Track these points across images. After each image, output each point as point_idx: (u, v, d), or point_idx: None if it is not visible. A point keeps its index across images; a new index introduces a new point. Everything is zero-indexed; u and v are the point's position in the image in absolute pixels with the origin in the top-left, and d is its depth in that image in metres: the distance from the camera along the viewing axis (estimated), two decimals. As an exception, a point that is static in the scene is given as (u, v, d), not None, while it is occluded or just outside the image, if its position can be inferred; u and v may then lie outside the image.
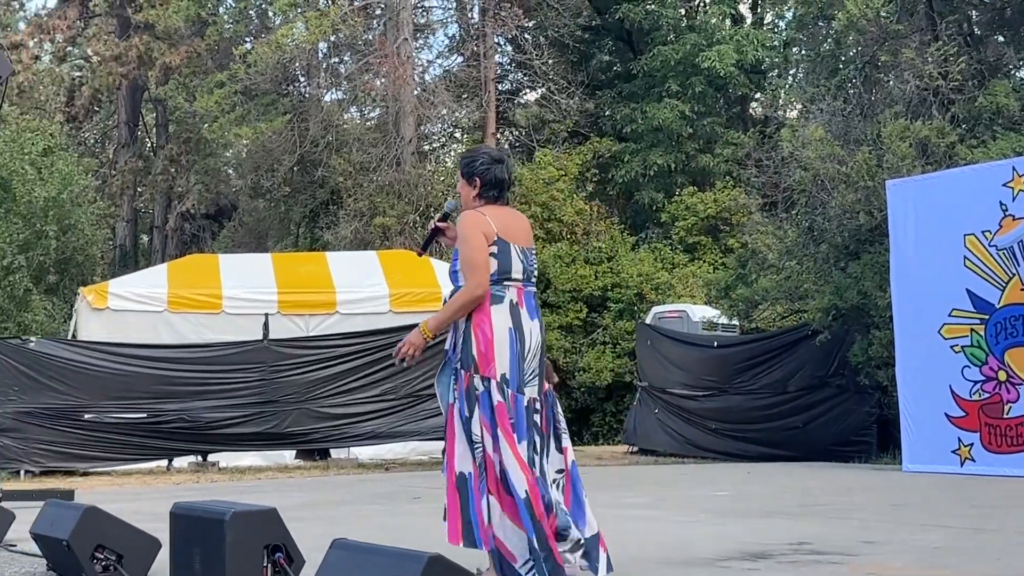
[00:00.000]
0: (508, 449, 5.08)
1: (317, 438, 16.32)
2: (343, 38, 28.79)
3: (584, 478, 5.43)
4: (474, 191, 5.49)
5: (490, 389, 5.16)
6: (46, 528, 5.79)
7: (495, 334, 5.21)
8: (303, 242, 30.62)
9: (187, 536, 4.81)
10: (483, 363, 5.19)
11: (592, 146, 28.98)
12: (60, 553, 5.61)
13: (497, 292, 5.28)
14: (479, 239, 5.29)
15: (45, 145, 29.00)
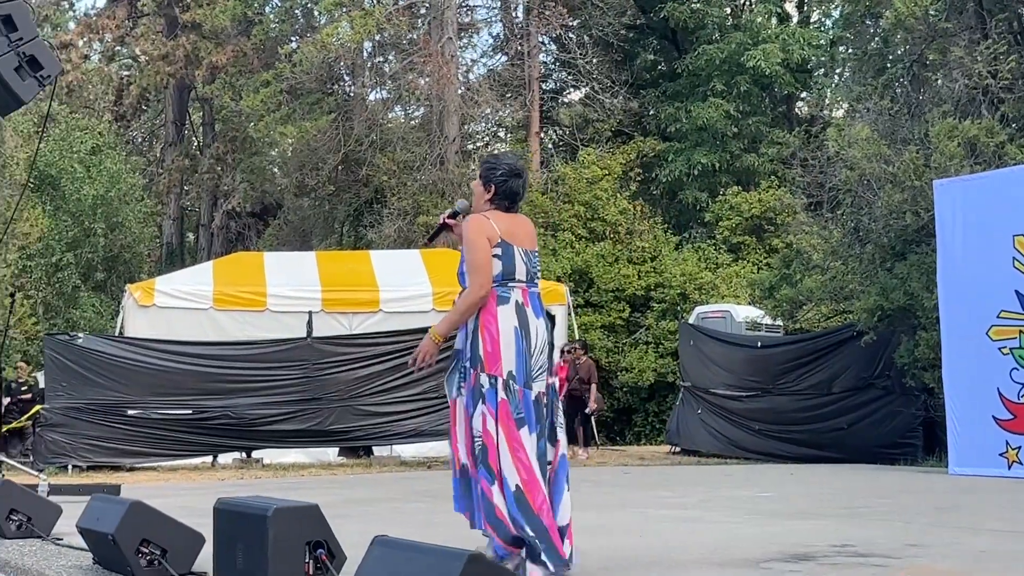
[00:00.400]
0: (506, 445, 5.25)
1: (360, 435, 16.39)
2: (388, 37, 28.91)
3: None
4: (488, 195, 5.61)
5: (496, 387, 5.32)
6: (92, 522, 5.85)
7: (501, 334, 5.36)
8: (347, 240, 30.77)
9: (230, 531, 4.84)
10: (490, 362, 5.35)
11: (636, 145, 28.91)
12: (106, 547, 5.67)
13: (503, 293, 5.43)
14: (483, 242, 5.43)
15: (94, 143, 29.33)
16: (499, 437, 5.26)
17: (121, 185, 29.59)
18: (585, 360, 19.13)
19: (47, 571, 5.90)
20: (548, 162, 29.92)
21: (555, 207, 26.59)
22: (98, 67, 36.79)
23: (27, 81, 9.19)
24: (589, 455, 17.93)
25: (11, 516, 7.21)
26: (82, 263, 27.74)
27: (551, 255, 25.18)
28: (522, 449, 5.24)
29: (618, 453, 18.95)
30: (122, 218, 29.52)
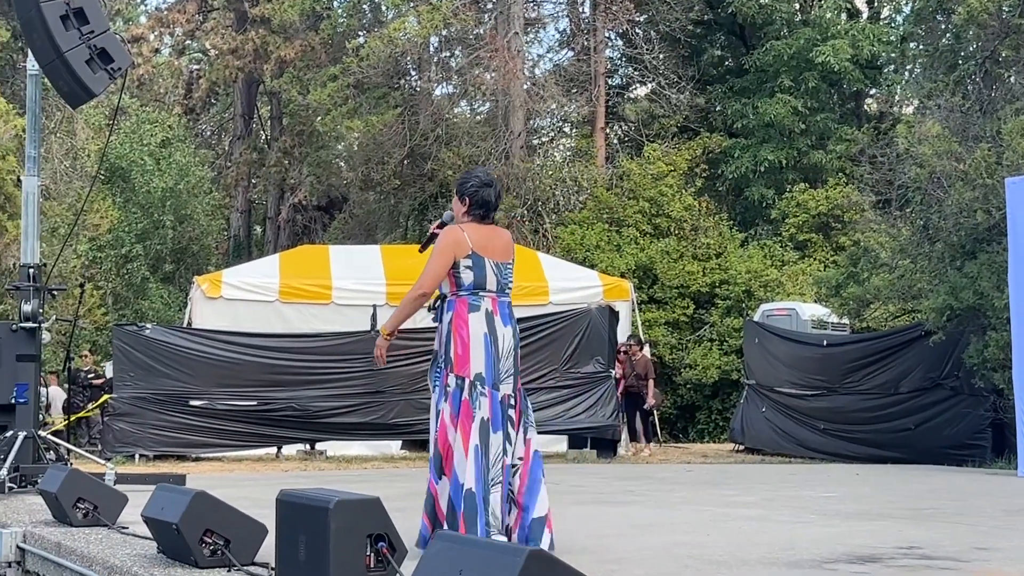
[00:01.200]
0: (460, 443, 5.74)
1: (423, 429, 16.34)
2: (454, 32, 28.97)
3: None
4: (464, 208, 6.06)
5: (462, 387, 5.81)
6: (157, 511, 5.90)
7: (471, 338, 5.84)
8: (412, 234, 30.89)
9: (292, 523, 4.86)
10: (459, 364, 5.84)
11: (702, 141, 28.73)
12: (170, 536, 5.71)
13: (474, 302, 5.93)
14: (446, 255, 5.95)
15: (163, 136, 29.71)
16: (456, 441, 5.75)
17: (190, 178, 29.96)
18: (642, 356, 19.04)
19: (112, 559, 5.97)
20: (613, 158, 29.83)
21: (620, 203, 26.49)
22: (168, 61, 37.26)
23: (98, 74, 9.32)
24: (652, 451, 17.85)
25: (78, 504, 7.30)
26: (151, 255, 28.12)
27: (615, 251, 25.09)
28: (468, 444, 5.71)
29: (681, 450, 18.85)
30: (190, 211, 29.89)
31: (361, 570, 4.58)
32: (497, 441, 5.75)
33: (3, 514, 8.25)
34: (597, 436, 16.47)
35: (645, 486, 11.18)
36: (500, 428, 5.77)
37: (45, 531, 7.21)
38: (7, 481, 9.43)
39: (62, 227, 20.98)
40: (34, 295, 10.24)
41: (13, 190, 17.73)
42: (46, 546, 6.99)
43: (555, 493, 10.44)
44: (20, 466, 9.72)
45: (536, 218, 27.16)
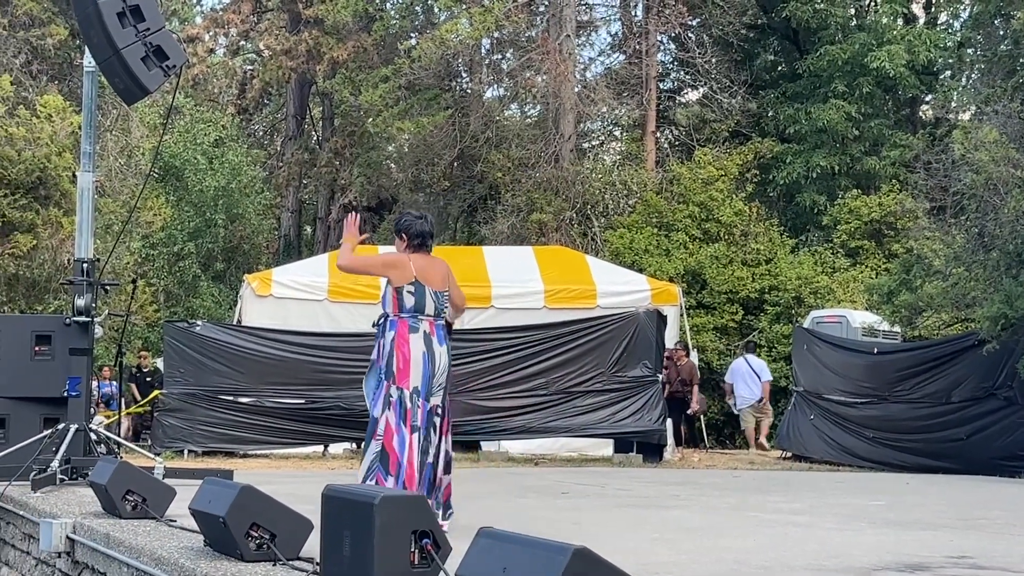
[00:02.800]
0: (406, 443, 6.79)
1: (468, 430, 16.42)
2: (506, 34, 28.98)
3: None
4: (404, 243, 7.09)
5: (402, 397, 6.82)
6: (204, 505, 5.94)
7: (412, 356, 6.83)
8: (460, 236, 30.93)
9: (338, 518, 4.87)
10: (400, 377, 6.83)
11: (753, 146, 28.54)
12: (217, 529, 5.75)
13: (414, 324, 6.89)
14: (381, 261, 7.29)
15: (217, 136, 29.95)
16: (403, 437, 6.77)
17: (242, 177, 30.16)
18: (687, 361, 18.98)
19: (160, 551, 6.02)
20: (663, 162, 29.70)
21: (669, 207, 26.38)
22: (223, 61, 37.55)
23: (153, 71, 9.42)
24: (700, 458, 17.77)
25: (127, 496, 7.37)
26: (202, 253, 28.33)
27: (664, 255, 24.98)
28: (411, 451, 6.78)
29: (727, 456, 18.73)
30: (242, 210, 30.08)
31: (405, 566, 4.58)
32: (417, 445, 6.83)
33: (54, 505, 8.34)
34: (643, 440, 16.40)
35: (691, 491, 11.12)
36: (423, 432, 6.84)
37: (95, 523, 7.29)
38: (58, 473, 9.53)
39: (116, 224, 21.18)
40: (87, 290, 10.36)
41: (69, 186, 17.92)
42: (95, 537, 7.07)
43: (600, 496, 10.42)
44: (71, 458, 9.83)
45: (585, 221, 27.08)
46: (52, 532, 7.49)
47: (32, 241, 17.76)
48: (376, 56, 30.86)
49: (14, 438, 10.50)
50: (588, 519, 8.29)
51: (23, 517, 8.87)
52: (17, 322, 11.91)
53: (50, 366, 10.73)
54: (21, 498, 9.07)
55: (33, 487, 9.22)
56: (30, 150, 17.62)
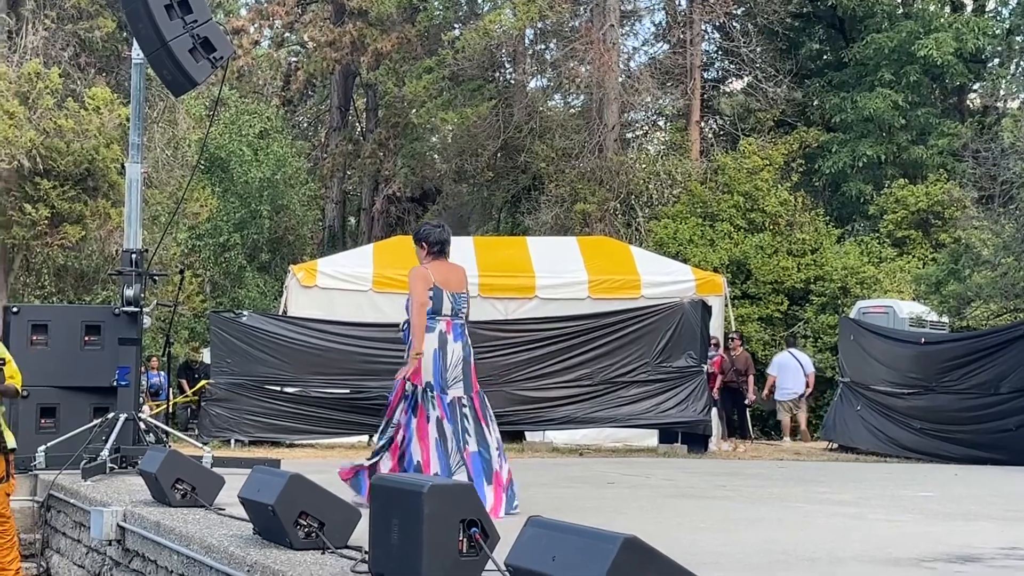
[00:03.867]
0: (415, 434, 7.42)
1: (513, 420, 16.41)
2: (549, 24, 28.92)
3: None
4: (424, 251, 7.82)
5: (416, 392, 7.44)
6: (253, 493, 5.99)
7: (425, 354, 7.42)
8: (504, 226, 30.93)
9: (386, 507, 4.89)
10: (414, 374, 7.44)
11: (799, 136, 28.36)
12: (266, 517, 5.79)
13: (430, 324, 7.51)
14: (419, 287, 7.59)
15: (262, 127, 30.11)
16: (413, 427, 7.40)
17: (287, 169, 30.33)
18: (741, 352, 18.90)
19: (209, 539, 6.07)
20: (708, 152, 29.57)
21: (714, 197, 26.26)
22: (267, 53, 37.75)
23: (200, 62, 9.48)
24: (745, 448, 17.70)
25: (176, 485, 7.44)
26: (248, 243, 28.53)
27: (709, 246, 24.88)
28: (427, 438, 7.35)
29: (772, 447, 18.64)
30: (287, 201, 30.26)
31: (453, 555, 4.59)
32: (451, 433, 7.39)
33: (104, 494, 8.43)
34: (688, 431, 16.35)
35: (737, 482, 11.08)
36: (453, 423, 7.39)
37: (145, 511, 7.36)
38: (108, 462, 9.64)
39: (163, 215, 21.36)
40: (136, 280, 10.45)
41: (116, 178, 18.08)
42: (146, 525, 7.14)
43: (646, 487, 10.40)
44: (121, 447, 9.93)
45: (629, 212, 27.01)
46: (103, 520, 7.57)
47: (81, 232, 17.94)
48: (420, 47, 30.91)
49: (64, 427, 10.64)
50: (634, 509, 8.28)
51: (74, 505, 8.98)
52: (67, 313, 12.06)
53: (99, 356, 10.85)
54: (72, 487, 9.19)
55: (84, 476, 9.33)
56: (78, 142, 17.79)
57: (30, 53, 18.46)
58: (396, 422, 7.56)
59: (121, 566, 7.72)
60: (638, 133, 33.41)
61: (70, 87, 18.73)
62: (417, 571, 4.53)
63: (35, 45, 18.51)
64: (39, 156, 17.50)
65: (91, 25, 18.74)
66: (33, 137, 17.32)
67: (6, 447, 9.01)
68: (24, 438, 10.48)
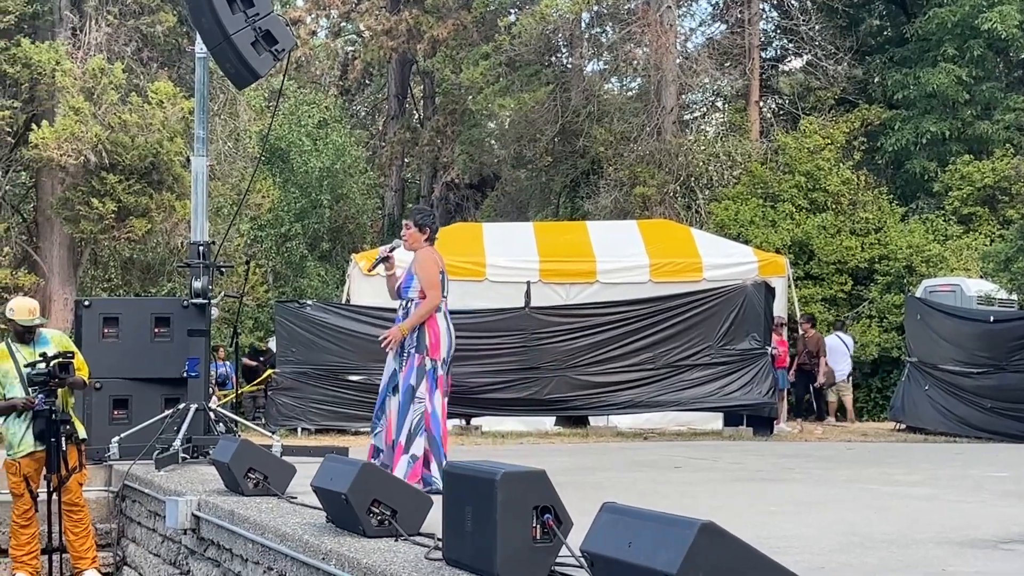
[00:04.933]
0: (439, 406, 7.91)
1: (577, 405, 16.45)
2: (606, 7, 28.79)
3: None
4: (424, 236, 8.21)
5: (436, 367, 7.91)
6: (326, 482, 6.04)
7: (441, 332, 7.95)
8: (563, 211, 30.89)
9: (459, 494, 4.91)
10: (433, 350, 7.92)
11: (860, 113, 28.02)
12: (339, 506, 5.85)
13: (440, 304, 7.99)
14: (435, 268, 8.00)
15: (320, 117, 30.28)
16: (435, 400, 7.87)
17: (346, 158, 30.50)
18: (813, 333, 18.79)
19: (284, 527, 6.14)
20: (768, 132, 29.31)
21: (775, 177, 26.04)
22: (325, 43, 37.94)
23: (263, 55, 9.56)
24: (823, 430, 17.62)
25: (249, 474, 7.53)
26: (309, 233, 28.74)
27: (770, 226, 24.68)
28: (443, 413, 7.96)
29: (839, 429, 18.50)
30: (346, 190, 30.44)
31: (527, 541, 4.60)
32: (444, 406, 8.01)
33: (178, 483, 8.55)
34: (753, 414, 16.27)
35: (806, 464, 11.01)
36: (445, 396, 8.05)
37: (218, 500, 7.46)
38: (180, 452, 9.77)
39: (226, 207, 21.57)
40: (204, 272, 10.57)
41: (181, 171, 18.27)
42: (220, 514, 7.23)
43: (713, 470, 10.37)
44: (192, 437, 10.07)
45: (689, 194, 26.86)
46: (178, 510, 7.68)
47: (146, 225, 18.17)
48: (476, 33, 30.91)
49: (137, 418, 10.79)
50: (703, 493, 8.26)
51: (149, 495, 9.11)
52: (137, 305, 12.22)
53: (169, 347, 11.00)
54: (146, 477, 9.33)
55: (157, 466, 9.47)
56: (143, 136, 18.00)
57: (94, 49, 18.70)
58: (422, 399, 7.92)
59: (196, 554, 7.83)
60: (696, 115, 33.20)
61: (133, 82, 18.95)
62: (491, 558, 4.54)
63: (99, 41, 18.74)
64: (105, 151, 17.74)
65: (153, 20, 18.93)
66: (99, 132, 17.55)
67: (78, 438, 9.18)
68: (98, 429, 10.67)
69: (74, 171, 18.25)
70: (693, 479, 9.49)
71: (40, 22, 19.09)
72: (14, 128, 18.87)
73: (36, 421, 8.95)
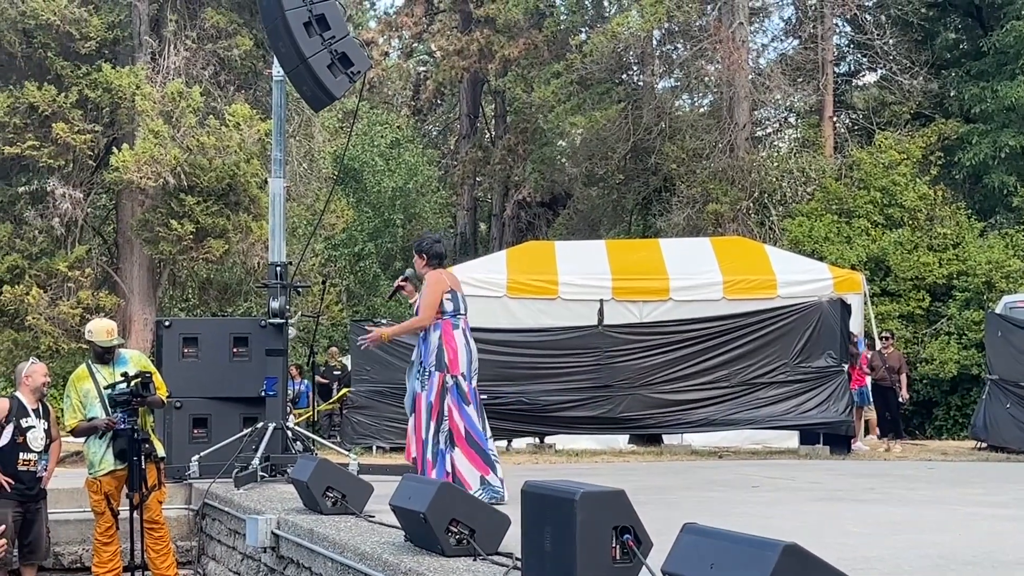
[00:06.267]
0: (473, 418, 8.14)
1: (651, 423, 16.38)
2: (677, 24, 28.73)
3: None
4: (424, 262, 8.45)
5: (458, 382, 8.15)
6: (404, 501, 6.07)
7: (458, 347, 8.20)
8: (635, 229, 30.84)
9: (538, 514, 4.92)
10: (452, 366, 8.15)
11: (937, 128, 27.68)
12: (417, 525, 5.87)
13: (456, 322, 8.25)
14: (437, 290, 8.22)
15: (393, 137, 30.53)
16: (465, 413, 8.08)
17: (418, 177, 30.72)
18: (893, 350, 18.55)
19: (362, 546, 6.18)
20: (842, 147, 29.04)
21: (850, 193, 25.79)
22: (397, 64, 38.26)
23: (339, 77, 9.68)
24: (902, 447, 17.37)
25: (327, 493, 7.58)
26: (382, 252, 28.98)
27: (845, 243, 24.44)
28: (463, 422, 8.07)
29: (918, 447, 18.22)
30: (419, 209, 30.65)
31: (607, 562, 4.59)
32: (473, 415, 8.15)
33: (257, 502, 8.64)
34: (830, 432, 16.09)
35: (885, 483, 10.86)
36: (477, 407, 8.21)
37: (297, 518, 7.52)
38: (259, 470, 9.88)
39: (300, 227, 21.80)
40: (281, 292, 10.70)
41: (257, 192, 18.49)
42: (299, 533, 7.30)
43: (791, 490, 10.26)
44: (270, 456, 10.17)
45: (762, 210, 26.70)
46: (258, 528, 7.76)
47: (224, 246, 18.38)
48: (547, 52, 31.01)
49: (216, 437, 10.94)
50: (781, 513, 8.18)
51: (228, 513, 9.22)
52: (216, 325, 12.39)
53: (247, 367, 11.14)
54: (226, 495, 9.44)
55: (236, 484, 9.58)
56: (220, 158, 18.23)
57: (172, 73, 19.02)
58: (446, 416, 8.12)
59: (276, 573, 7.90)
60: (769, 131, 33.00)
61: (211, 104, 19.22)
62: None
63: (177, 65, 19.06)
64: (183, 173, 18.00)
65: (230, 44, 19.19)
66: (177, 155, 17.82)
67: (157, 456, 9.32)
68: (178, 448, 10.83)
69: (153, 193, 18.55)
70: (771, 499, 9.40)
71: (120, 47, 19.45)
72: (95, 152, 19.21)
73: (117, 440, 9.10)
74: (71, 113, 18.10)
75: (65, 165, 18.54)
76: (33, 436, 9.39)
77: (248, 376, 11.04)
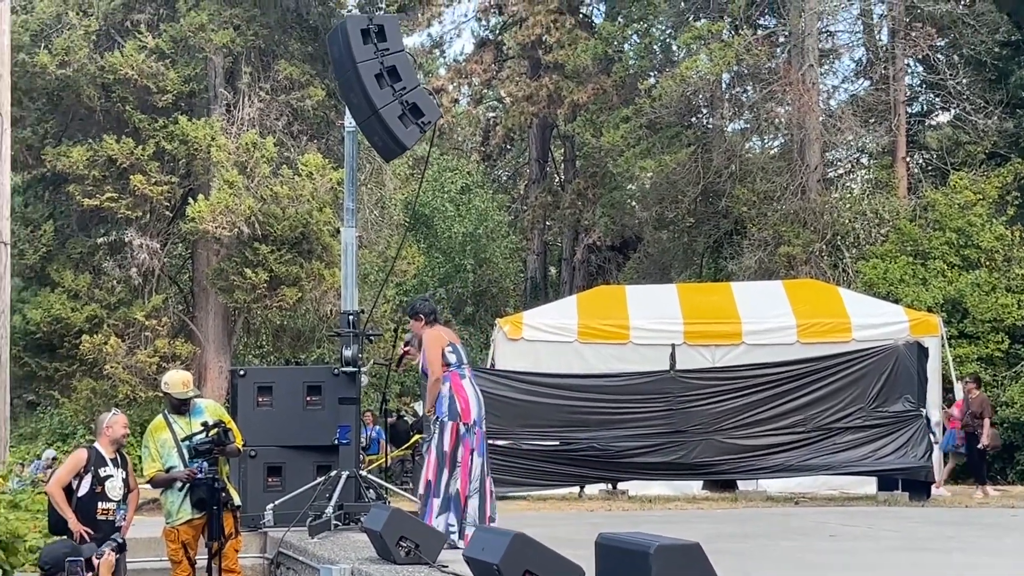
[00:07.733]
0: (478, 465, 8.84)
1: (725, 469, 16.21)
2: (746, 67, 28.68)
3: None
4: (422, 323, 9.06)
5: (471, 430, 8.76)
6: (477, 552, 6.07)
7: (469, 397, 8.79)
8: (707, 272, 30.67)
9: (612, 566, 4.90)
10: (464, 415, 8.73)
11: (1013, 168, 27.25)
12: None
13: (462, 373, 8.86)
14: (438, 348, 8.80)
15: (463, 183, 30.75)
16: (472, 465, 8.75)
17: (488, 222, 30.88)
18: (978, 395, 18.23)
19: (436, 597, 6.17)
20: (915, 188, 28.70)
21: (924, 235, 25.46)
22: (467, 110, 38.57)
23: (410, 128, 9.78)
24: (987, 494, 17.02)
25: (401, 543, 7.59)
26: (453, 298, 29.11)
27: (921, 285, 24.11)
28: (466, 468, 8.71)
29: (1000, 493, 17.84)
30: (489, 254, 30.78)
31: (682, 615, 4.56)
32: (479, 463, 8.85)
33: (331, 551, 8.68)
34: (909, 478, 15.81)
35: (967, 532, 10.64)
36: (482, 454, 8.86)
37: (372, 568, 7.54)
38: (333, 519, 9.92)
39: (372, 274, 21.99)
40: (354, 340, 10.78)
41: (329, 240, 18.71)
42: (373, 583, 7.30)
43: (869, 539, 10.09)
44: (344, 504, 10.21)
45: (835, 252, 26.43)
46: (332, 577, 7.78)
47: (297, 294, 18.61)
48: (616, 97, 31.08)
49: (290, 485, 11.00)
50: (861, 564, 8.05)
51: (303, 563, 9.26)
52: (290, 374, 12.49)
53: (321, 415, 11.21)
54: (300, 544, 9.48)
55: (310, 533, 9.63)
56: (293, 207, 18.51)
57: (247, 124, 19.36)
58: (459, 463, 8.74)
59: (350, 622, 7.91)
60: (841, 172, 32.71)
61: (284, 154, 19.54)
62: (647, 632, 4.50)
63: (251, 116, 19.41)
64: (257, 222, 18.28)
65: (303, 95, 19.52)
66: (251, 204, 18.11)
67: (233, 504, 9.39)
68: (253, 497, 10.91)
69: (228, 242, 18.85)
70: (850, 548, 9.24)
71: (196, 100, 19.87)
72: (172, 202, 19.60)
73: (195, 490, 9.17)
74: (148, 165, 18.48)
75: (142, 216, 18.92)
76: (111, 485, 9.50)
77: (321, 424, 11.11)
